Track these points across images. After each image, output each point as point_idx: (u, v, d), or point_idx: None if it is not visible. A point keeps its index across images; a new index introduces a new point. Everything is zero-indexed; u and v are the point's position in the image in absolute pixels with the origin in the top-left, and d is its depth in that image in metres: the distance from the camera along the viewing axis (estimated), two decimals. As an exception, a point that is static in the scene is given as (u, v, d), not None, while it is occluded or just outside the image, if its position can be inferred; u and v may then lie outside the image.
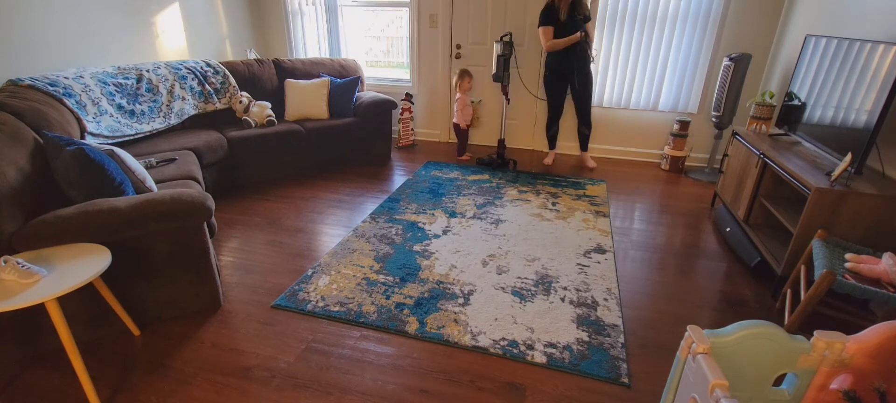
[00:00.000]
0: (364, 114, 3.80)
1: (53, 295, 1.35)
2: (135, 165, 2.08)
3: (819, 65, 2.44)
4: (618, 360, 1.76)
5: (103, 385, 1.63)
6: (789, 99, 2.71)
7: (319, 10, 4.65)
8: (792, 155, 2.39)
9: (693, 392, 1.06)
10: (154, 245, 1.79)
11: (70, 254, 1.57)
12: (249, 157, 3.34)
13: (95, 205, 1.69)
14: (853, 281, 1.64)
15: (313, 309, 2.03)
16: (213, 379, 1.65)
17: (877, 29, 2.38)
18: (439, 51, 4.41)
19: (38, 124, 2.18)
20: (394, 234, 2.71)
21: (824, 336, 1.12)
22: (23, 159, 1.84)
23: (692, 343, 1.10)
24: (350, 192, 3.37)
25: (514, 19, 4.11)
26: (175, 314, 1.97)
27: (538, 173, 3.84)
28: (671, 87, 3.97)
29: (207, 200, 1.83)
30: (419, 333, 1.89)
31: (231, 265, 2.39)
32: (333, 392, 1.60)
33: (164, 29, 3.70)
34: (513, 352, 1.79)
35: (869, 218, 1.95)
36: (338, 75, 4.13)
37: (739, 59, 3.37)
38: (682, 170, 4.01)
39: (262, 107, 3.61)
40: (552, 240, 2.68)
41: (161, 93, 3.20)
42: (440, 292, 2.16)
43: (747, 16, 3.59)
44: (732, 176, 2.90)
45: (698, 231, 2.90)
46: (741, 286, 2.32)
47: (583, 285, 2.24)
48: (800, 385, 1.19)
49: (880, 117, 1.91)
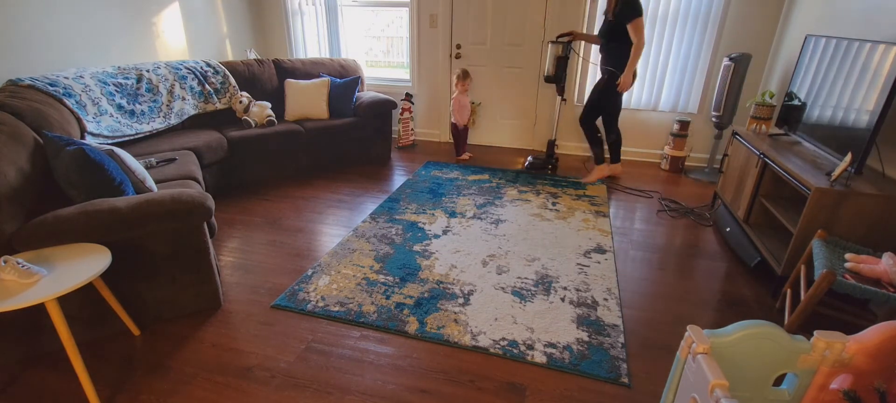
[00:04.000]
0: (364, 114, 3.80)
1: (53, 295, 1.35)
2: (135, 165, 2.08)
3: (819, 65, 2.44)
4: (618, 360, 1.76)
5: (103, 385, 1.63)
6: (789, 99, 2.71)
7: (319, 10, 4.65)
8: (792, 155, 2.39)
9: (693, 392, 1.06)
10: (154, 245, 1.79)
11: (70, 254, 1.57)
12: (249, 157, 3.34)
13: (95, 205, 1.69)
14: (853, 281, 1.64)
15: (313, 309, 2.03)
16: (213, 379, 1.65)
17: (877, 29, 2.38)
18: (439, 51, 4.41)
19: (38, 124, 2.18)
20: (394, 234, 2.71)
21: (824, 336, 1.12)
22: (23, 159, 1.84)
23: (692, 343, 1.10)
24: (350, 192, 3.37)
25: (515, 19, 4.11)
26: (175, 314, 1.97)
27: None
28: (671, 87, 3.97)
29: (207, 200, 1.83)
30: (419, 333, 1.89)
31: (231, 265, 2.39)
32: (333, 392, 1.60)
33: (164, 29, 3.70)
34: (513, 352, 1.79)
35: (869, 218, 1.95)
36: (338, 75, 4.13)
37: (739, 59, 3.37)
38: (683, 170, 4.01)
39: (262, 107, 3.61)
40: (552, 240, 2.68)
41: (161, 93, 3.20)
42: (440, 292, 2.16)
43: (747, 16, 3.59)
44: (732, 176, 2.90)
45: (698, 231, 2.90)
46: (741, 286, 2.31)
47: (583, 285, 2.24)
48: (800, 385, 1.19)
49: (880, 117, 1.91)
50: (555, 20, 4.00)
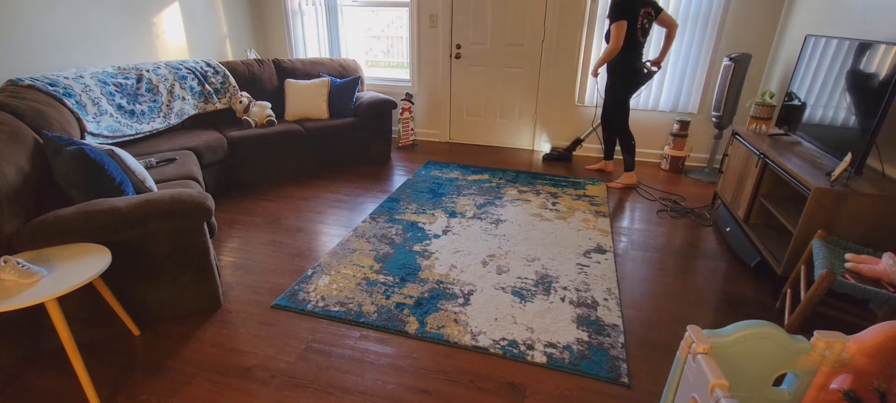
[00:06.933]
0: (364, 114, 3.80)
1: (53, 295, 1.35)
2: (135, 165, 2.08)
3: (819, 65, 2.44)
4: (618, 360, 1.76)
5: (103, 385, 1.63)
6: (789, 99, 2.71)
7: (319, 10, 4.65)
8: (792, 155, 2.39)
9: (693, 392, 1.06)
10: (154, 245, 1.79)
11: (70, 254, 1.56)
12: (249, 157, 3.34)
13: (95, 205, 1.69)
14: (853, 281, 1.64)
15: (313, 308, 2.03)
16: (213, 379, 1.65)
17: (877, 29, 2.38)
18: (439, 51, 4.41)
19: (38, 124, 2.18)
20: (394, 234, 2.71)
21: (824, 336, 1.12)
22: (23, 159, 1.84)
23: (692, 343, 1.10)
24: (350, 192, 3.37)
25: (515, 19, 4.11)
26: (175, 314, 1.97)
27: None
28: (671, 87, 3.97)
29: (207, 200, 1.83)
30: (419, 333, 1.89)
31: (231, 265, 2.39)
32: (333, 392, 1.60)
33: (164, 29, 3.70)
34: (513, 352, 1.79)
35: (869, 218, 1.95)
36: (338, 75, 4.13)
37: (739, 59, 3.37)
38: (682, 170, 4.01)
39: (262, 107, 3.61)
40: (552, 240, 2.68)
41: (161, 93, 3.20)
42: (440, 292, 2.16)
43: (747, 16, 3.59)
44: (732, 176, 2.90)
45: (698, 231, 2.90)
46: (741, 286, 2.32)
47: (583, 285, 2.24)
48: (800, 385, 1.19)
49: (880, 117, 1.91)
50: (555, 20, 3.99)
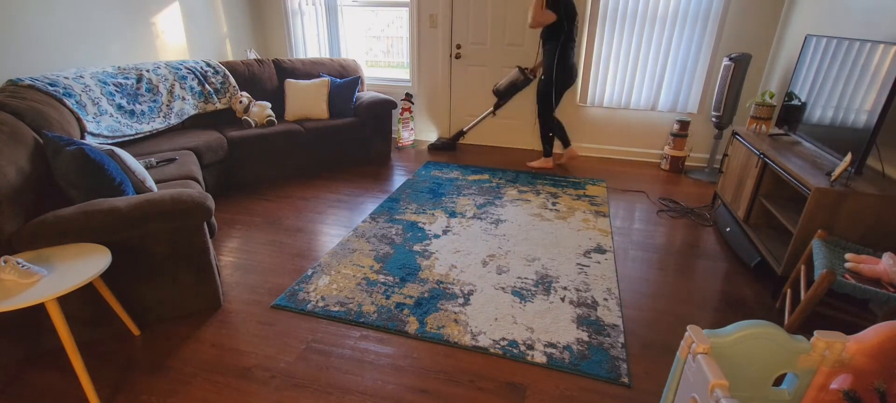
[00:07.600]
0: (364, 114, 3.80)
1: (53, 295, 1.35)
2: (135, 165, 2.08)
3: (819, 65, 2.44)
4: (618, 360, 1.76)
5: (103, 385, 1.63)
6: (789, 99, 2.71)
7: (319, 10, 4.65)
8: (792, 155, 2.39)
9: (693, 392, 1.06)
10: (154, 245, 1.79)
11: (70, 254, 1.56)
12: (249, 157, 3.34)
13: (95, 205, 1.69)
14: (853, 281, 1.64)
15: (313, 308, 2.03)
16: (213, 379, 1.65)
17: (877, 29, 2.38)
18: (439, 51, 4.41)
19: (38, 124, 2.18)
20: (394, 234, 2.71)
21: (824, 336, 1.12)
22: (23, 159, 1.84)
23: (692, 343, 1.10)
24: (350, 192, 3.37)
25: (515, 19, 4.11)
26: (175, 314, 1.97)
27: (537, 173, 3.84)
28: (671, 87, 3.97)
29: (207, 200, 1.83)
30: (419, 333, 1.89)
31: (231, 265, 2.39)
32: (333, 392, 1.60)
33: (164, 29, 3.70)
34: (513, 352, 1.79)
35: (869, 218, 1.95)
36: (338, 75, 4.13)
37: (739, 59, 3.37)
38: (682, 170, 4.01)
39: (262, 107, 3.61)
40: (552, 240, 2.68)
41: (161, 93, 3.20)
42: (440, 292, 2.16)
43: (747, 16, 3.59)
44: (732, 176, 2.90)
45: (698, 231, 2.90)
46: (741, 286, 2.32)
47: (583, 285, 2.24)
48: (800, 385, 1.19)
49: (880, 117, 1.91)
50: (555, 20, 3.99)
